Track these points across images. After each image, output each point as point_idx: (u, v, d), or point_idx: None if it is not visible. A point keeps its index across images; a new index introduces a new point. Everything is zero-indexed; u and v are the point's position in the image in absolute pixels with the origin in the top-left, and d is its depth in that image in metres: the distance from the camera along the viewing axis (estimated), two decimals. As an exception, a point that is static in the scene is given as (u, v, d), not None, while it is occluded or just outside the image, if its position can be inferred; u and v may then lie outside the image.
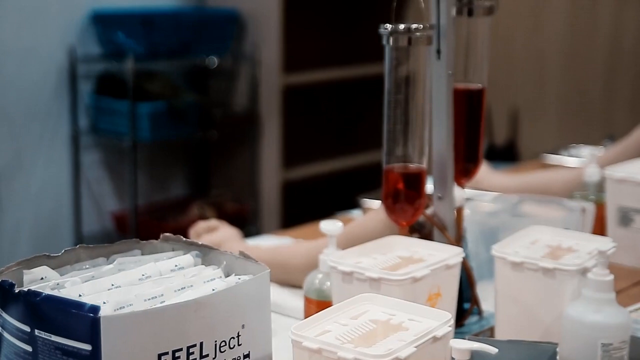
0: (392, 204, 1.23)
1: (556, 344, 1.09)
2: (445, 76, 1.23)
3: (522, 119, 4.04)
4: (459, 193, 1.30)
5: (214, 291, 0.95)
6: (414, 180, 1.22)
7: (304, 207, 3.64)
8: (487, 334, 1.29)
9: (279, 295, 1.44)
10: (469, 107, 1.30)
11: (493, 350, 0.86)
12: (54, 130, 3.42)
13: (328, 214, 2.03)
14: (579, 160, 2.31)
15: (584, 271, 1.15)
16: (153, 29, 3.42)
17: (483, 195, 1.80)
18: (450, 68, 1.23)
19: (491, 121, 3.99)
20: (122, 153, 3.42)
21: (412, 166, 1.22)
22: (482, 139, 1.33)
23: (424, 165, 1.23)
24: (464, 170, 1.32)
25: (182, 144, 3.80)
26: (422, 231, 1.32)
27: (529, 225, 1.30)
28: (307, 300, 1.24)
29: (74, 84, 3.41)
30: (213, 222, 1.63)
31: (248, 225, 3.57)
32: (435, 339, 0.94)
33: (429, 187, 1.28)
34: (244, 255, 1.04)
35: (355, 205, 1.99)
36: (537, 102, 4.00)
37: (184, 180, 3.90)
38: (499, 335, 1.22)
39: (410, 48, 1.19)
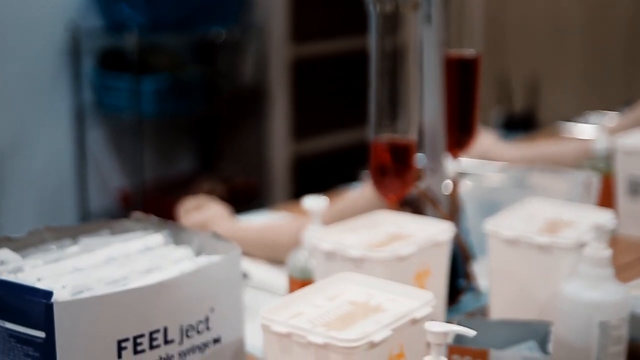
0: (380, 178, 1.19)
1: (550, 323, 1.05)
2: (436, 42, 1.19)
3: (541, 86, 3.98)
4: (453, 165, 1.25)
5: (180, 273, 0.92)
6: (402, 153, 1.18)
7: (314, 181, 3.60)
8: (482, 313, 1.26)
9: (268, 274, 1.40)
10: (462, 75, 1.25)
11: (471, 333, 0.83)
12: (57, 107, 3.39)
13: (339, 188, 1.99)
14: (594, 128, 2.25)
15: (581, 246, 1.10)
16: (157, 0, 3.38)
17: (488, 166, 1.75)
18: (441, 34, 1.19)
19: (509, 89, 3.93)
20: (127, 129, 3.39)
21: (401, 138, 1.18)
22: (478, 108, 1.28)
23: (413, 137, 1.18)
24: (458, 141, 1.27)
25: (188, 119, 3.77)
26: (414, 206, 1.27)
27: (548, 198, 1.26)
28: (291, 280, 1.20)
29: (76, 59, 3.38)
30: (202, 199, 1.60)
31: (258, 200, 3.54)
32: (414, 321, 0.90)
33: (421, 159, 1.24)
34: (215, 234, 1.00)
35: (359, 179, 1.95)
36: (557, 69, 3.93)
37: (192, 155, 3.88)
38: (494, 314, 1.18)
39: (397, 13, 1.15)
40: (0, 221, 3.28)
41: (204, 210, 1.57)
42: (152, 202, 3.45)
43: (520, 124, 3.80)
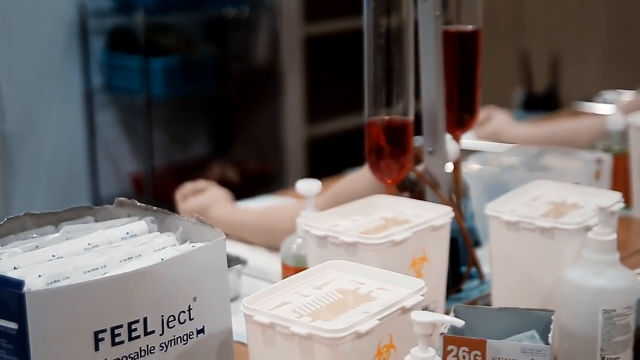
0: (376, 160, 1.17)
1: (552, 311, 1.02)
2: (432, 17, 1.16)
3: (563, 64, 3.92)
4: (453, 146, 1.22)
5: (160, 261, 0.90)
6: (399, 134, 1.15)
7: (329, 163, 3.57)
8: (485, 300, 1.23)
9: (266, 261, 1.38)
10: (462, 52, 1.22)
11: (459, 323, 0.80)
12: (66, 89, 3.38)
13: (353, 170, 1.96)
14: (610, 107, 2.21)
15: (586, 230, 1.07)
16: (165, -21, 3.36)
17: (498, 148, 1.72)
18: (438, 8, 1.15)
19: (530, 67, 3.88)
20: (138, 111, 3.38)
21: (397, 118, 1.15)
22: (479, 86, 1.25)
23: (410, 117, 1.16)
24: (459, 120, 1.24)
25: (200, 100, 3.75)
26: (414, 189, 1.25)
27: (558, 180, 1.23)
28: (285, 267, 1.18)
29: (84, 40, 3.37)
30: (200, 184, 1.58)
31: (271, 184, 3.52)
32: (404, 310, 0.87)
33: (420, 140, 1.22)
34: (200, 220, 0.98)
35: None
36: (579, 46, 3.87)
37: (205, 138, 3.86)
38: (496, 301, 1.16)
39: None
40: (10, 206, 3.28)
41: (202, 195, 1.55)
42: (164, 186, 3.43)
43: (541, 104, 3.75)
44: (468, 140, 2.11)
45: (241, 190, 2.32)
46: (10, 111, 3.21)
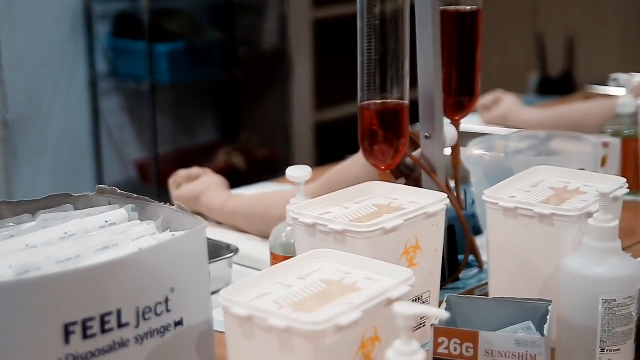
0: (369, 146, 1.13)
1: (549, 301, 0.99)
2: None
3: (578, 47, 3.87)
4: (451, 131, 1.19)
5: (136, 251, 0.87)
6: (393, 118, 1.12)
7: (338, 149, 3.54)
8: (483, 290, 1.20)
9: (259, 249, 1.35)
10: (460, 33, 1.19)
11: (444, 315, 0.77)
12: (70, 75, 3.36)
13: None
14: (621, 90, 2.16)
15: (587, 217, 1.04)
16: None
17: (504, 132, 1.68)
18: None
19: (544, 51, 3.83)
20: (143, 97, 3.35)
21: (391, 102, 1.12)
22: (479, 68, 1.22)
23: (405, 101, 1.12)
24: (457, 104, 1.21)
25: (206, 86, 3.72)
26: (410, 176, 1.22)
27: (561, 166, 1.19)
28: (273, 257, 1.16)
29: (89, 26, 3.34)
30: (195, 170, 1.55)
31: (280, 171, 3.49)
32: (390, 301, 0.85)
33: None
34: (181, 208, 0.95)
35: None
36: (594, 28, 3.82)
37: (212, 125, 3.83)
38: (493, 291, 1.12)
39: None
40: (14, 194, 3.27)
41: (196, 182, 1.52)
42: (170, 173, 3.40)
43: (557, 88, 3.71)
44: (474, 124, 2.08)
45: (248, 177, 2.30)
46: (13, 97, 3.18)
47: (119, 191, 1.00)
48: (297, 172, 1.12)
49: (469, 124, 2.07)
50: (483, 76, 1.25)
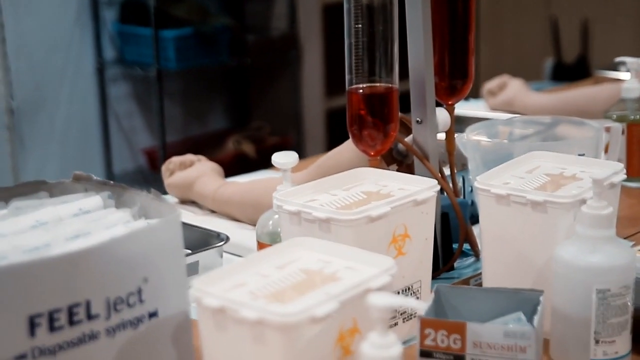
0: (358, 131, 1.10)
1: (541, 291, 0.96)
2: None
3: (593, 32, 3.81)
4: (444, 115, 1.16)
5: (107, 239, 0.84)
6: (382, 103, 1.09)
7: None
8: (478, 279, 1.17)
9: (252, 238, 1.32)
10: (453, 13, 1.15)
11: (421, 307, 0.74)
12: (77, 62, 3.34)
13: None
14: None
15: (581, 204, 1.00)
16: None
17: (505, 117, 1.64)
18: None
19: (558, 37, 3.77)
20: (151, 85, 3.33)
21: (380, 86, 1.09)
22: (472, 50, 1.18)
23: (395, 84, 1.09)
24: (450, 87, 1.18)
25: (215, 73, 3.69)
26: (403, 162, 1.18)
27: (560, 151, 1.16)
28: (260, 246, 1.13)
29: (96, 11, 3.32)
30: (188, 157, 1.52)
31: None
32: (369, 292, 0.81)
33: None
34: (157, 195, 0.92)
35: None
36: (609, 12, 3.76)
37: (222, 112, 3.81)
38: (487, 281, 1.09)
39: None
40: (22, 181, 3.25)
41: (189, 169, 1.50)
42: (179, 161, 3.39)
43: (571, 73, 3.65)
44: (479, 110, 2.04)
45: (258, 165, 2.27)
46: (19, 85, 3.17)
47: (95, 178, 0.97)
48: (283, 158, 1.09)
49: (473, 109, 2.04)
50: (497, 63, 1.22)
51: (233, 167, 2.71)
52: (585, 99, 1.80)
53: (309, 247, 0.90)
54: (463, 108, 2.09)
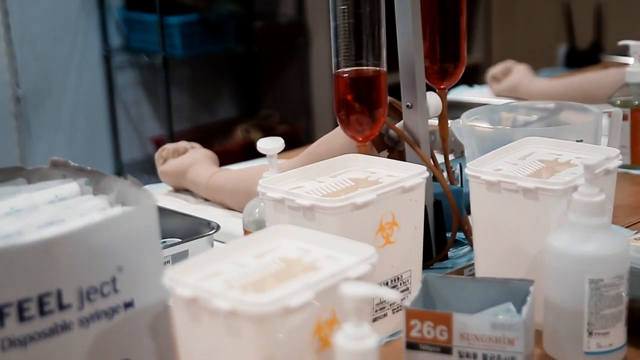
0: (345, 116, 1.08)
1: (531, 281, 0.93)
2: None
3: (606, 17, 3.77)
4: (435, 100, 1.13)
5: (77, 227, 0.82)
6: (369, 87, 1.06)
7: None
8: (473, 269, 1.14)
9: (238, 226, 1.30)
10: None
11: (395, 297, 0.72)
12: (84, 50, 3.33)
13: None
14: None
15: (575, 191, 0.97)
16: None
17: (507, 103, 1.61)
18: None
19: (572, 22, 3.73)
20: (158, 72, 3.31)
21: (367, 69, 1.06)
22: (464, 33, 1.15)
23: (383, 67, 1.06)
24: (442, 71, 1.15)
25: (222, 60, 3.66)
26: (396, 148, 1.16)
27: (557, 137, 1.13)
28: (246, 234, 1.11)
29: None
30: (182, 144, 1.50)
31: (300, 147, 3.44)
32: (347, 281, 0.79)
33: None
34: (134, 182, 0.90)
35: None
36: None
37: (230, 100, 3.78)
38: (479, 270, 1.07)
39: None
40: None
41: (182, 156, 1.48)
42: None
43: (584, 60, 3.61)
44: (483, 96, 2.01)
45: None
46: (25, 72, 3.16)
47: (72, 164, 0.95)
48: (269, 144, 1.07)
49: (477, 96, 2.01)
50: (509, 50, 1.19)
51: (242, 156, 2.69)
52: (591, 85, 1.76)
53: (290, 235, 0.88)
54: (467, 95, 2.06)
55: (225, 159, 1.79)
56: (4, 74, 3.06)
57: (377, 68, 1.06)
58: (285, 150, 1.40)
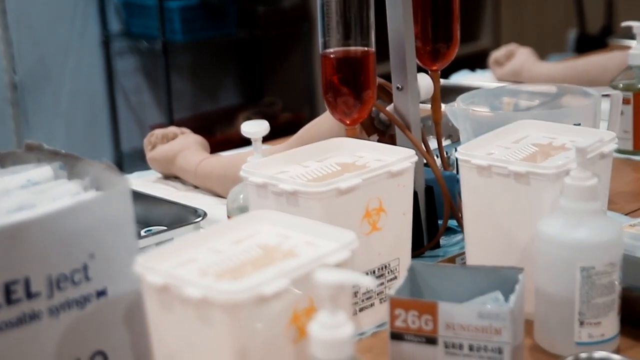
0: (333, 98, 1.06)
1: (521, 269, 0.91)
2: None
3: (618, 1, 3.73)
4: (426, 82, 1.11)
5: (46, 212, 0.80)
6: (357, 68, 1.04)
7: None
8: (465, 257, 1.12)
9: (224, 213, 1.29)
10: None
11: (370, 284, 0.70)
12: (82, 35, 3.31)
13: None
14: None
15: (567, 175, 0.95)
16: None
17: (502, 86, 1.58)
18: None
19: (582, 7, 3.69)
20: (158, 58, 3.29)
21: (355, 50, 1.04)
22: (457, 14, 1.13)
23: (371, 47, 1.04)
24: (434, 52, 1.13)
25: (224, 46, 3.64)
26: (387, 132, 1.14)
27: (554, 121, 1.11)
28: (230, 221, 1.08)
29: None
30: (171, 130, 1.49)
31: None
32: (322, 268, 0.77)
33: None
34: (109, 166, 0.89)
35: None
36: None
37: (233, 88, 3.76)
38: (470, 258, 1.05)
39: None
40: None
41: (172, 142, 1.46)
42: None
43: (595, 45, 3.57)
44: (486, 81, 1.98)
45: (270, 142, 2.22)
46: (21, 58, 3.14)
47: (46, 147, 0.94)
48: (253, 127, 1.05)
49: (479, 80, 1.98)
50: (519, 34, 1.17)
51: (244, 144, 2.67)
52: (595, 68, 1.74)
53: (270, 220, 0.86)
54: (469, 79, 2.04)
55: (227, 147, 1.78)
56: (0, 60, 3.05)
57: (365, 48, 1.04)
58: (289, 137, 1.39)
